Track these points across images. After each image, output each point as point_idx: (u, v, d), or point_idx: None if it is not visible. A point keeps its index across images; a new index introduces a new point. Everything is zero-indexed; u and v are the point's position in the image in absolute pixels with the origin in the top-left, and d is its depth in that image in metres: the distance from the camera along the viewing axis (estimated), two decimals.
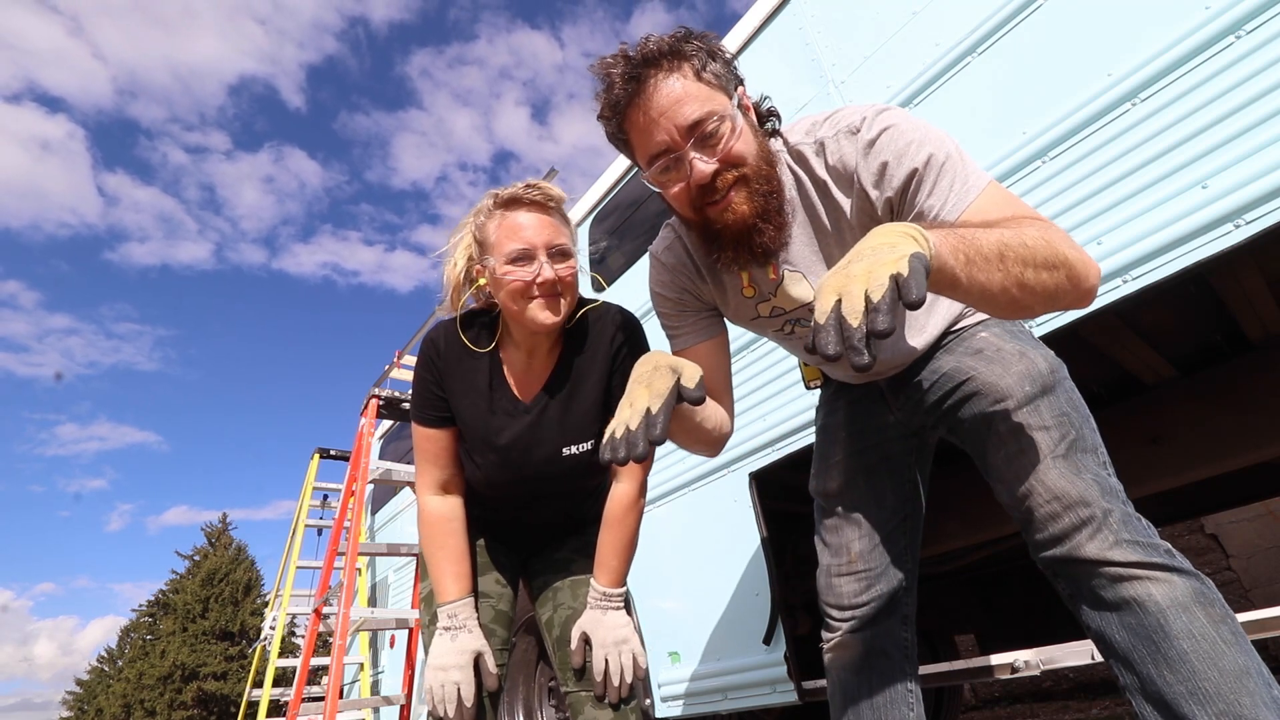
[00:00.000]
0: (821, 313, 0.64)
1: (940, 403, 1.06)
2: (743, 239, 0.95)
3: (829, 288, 0.66)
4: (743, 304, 1.11)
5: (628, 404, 0.85)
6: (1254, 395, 1.86)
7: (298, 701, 3.13)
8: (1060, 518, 0.87)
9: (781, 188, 0.98)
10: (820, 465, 1.26)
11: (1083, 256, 0.80)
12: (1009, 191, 0.90)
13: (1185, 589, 0.81)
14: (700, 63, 0.91)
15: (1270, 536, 4.47)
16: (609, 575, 1.23)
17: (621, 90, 0.92)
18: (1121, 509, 0.86)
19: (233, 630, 17.28)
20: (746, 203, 0.93)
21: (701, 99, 0.90)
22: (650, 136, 0.92)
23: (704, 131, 0.90)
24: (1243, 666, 0.77)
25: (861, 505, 1.18)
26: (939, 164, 0.88)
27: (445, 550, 1.26)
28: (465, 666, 1.18)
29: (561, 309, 1.18)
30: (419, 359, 1.30)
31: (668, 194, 0.97)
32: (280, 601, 5.34)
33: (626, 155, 1.02)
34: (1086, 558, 0.85)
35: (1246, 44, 1.29)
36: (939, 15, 1.80)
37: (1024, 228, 0.77)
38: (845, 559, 1.16)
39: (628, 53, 0.93)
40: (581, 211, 3.08)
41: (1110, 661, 0.87)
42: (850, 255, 0.69)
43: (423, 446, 1.29)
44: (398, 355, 4.18)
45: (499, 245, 1.16)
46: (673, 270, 1.12)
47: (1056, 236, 0.78)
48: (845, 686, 1.14)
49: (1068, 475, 0.88)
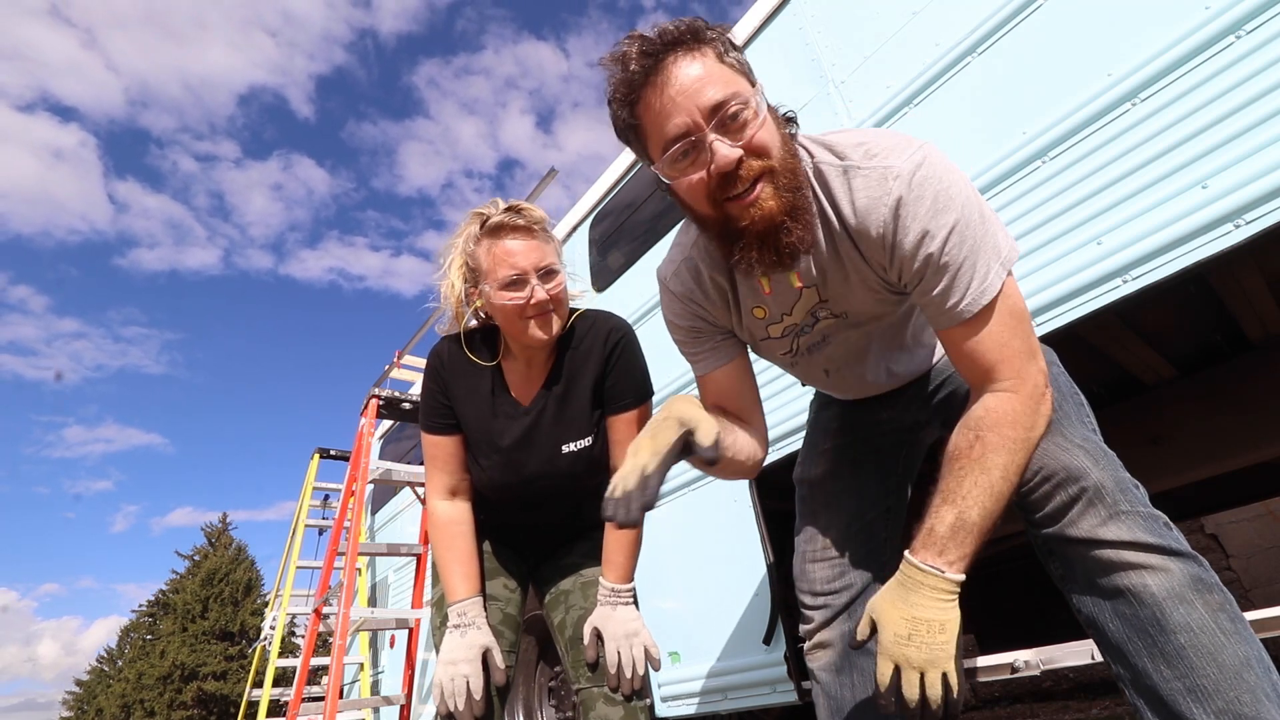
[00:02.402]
0: (880, 684, 0.81)
1: (931, 396, 1.06)
2: (768, 237, 0.86)
3: (889, 657, 0.81)
4: (754, 325, 1.07)
5: (632, 453, 0.86)
6: (1254, 395, 1.86)
7: (298, 701, 3.13)
8: (1052, 496, 0.86)
9: (808, 185, 0.90)
10: (807, 453, 1.26)
11: (1041, 421, 0.85)
12: (1015, 300, 0.87)
13: (1182, 577, 0.79)
14: (723, 46, 0.85)
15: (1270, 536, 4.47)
16: (617, 572, 1.26)
17: (638, 67, 0.83)
18: (1114, 475, 0.85)
19: (233, 630, 17.28)
20: (774, 198, 0.84)
21: (725, 80, 0.82)
22: (668, 118, 0.83)
23: (727, 114, 0.81)
24: (1243, 658, 0.75)
25: (843, 493, 1.17)
26: (964, 257, 0.83)
27: (454, 552, 1.30)
28: (474, 661, 1.21)
29: (554, 324, 1.25)
30: (425, 371, 1.37)
31: (683, 185, 0.87)
32: (280, 601, 5.34)
33: (635, 147, 0.93)
34: (1079, 536, 0.83)
35: (1246, 44, 1.29)
36: (939, 15, 1.80)
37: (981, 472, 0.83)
38: (819, 544, 1.16)
39: (644, 34, 0.85)
40: (581, 212, 3.08)
41: (1102, 650, 0.86)
42: (901, 623, 0.82)
43: (431, 453, 1.34)
44: (398, 355, 4.19)
45: (491, 272, 1.21)
46: (683, 299, 1.06)
47: (1009, 441, 0.83)
48: (828, 689, 1.13)
49: (1052, 452, 0.87)
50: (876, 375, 1.13)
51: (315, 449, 5.48)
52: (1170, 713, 0.77)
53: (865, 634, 0.86)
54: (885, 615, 0.83)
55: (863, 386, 1.16)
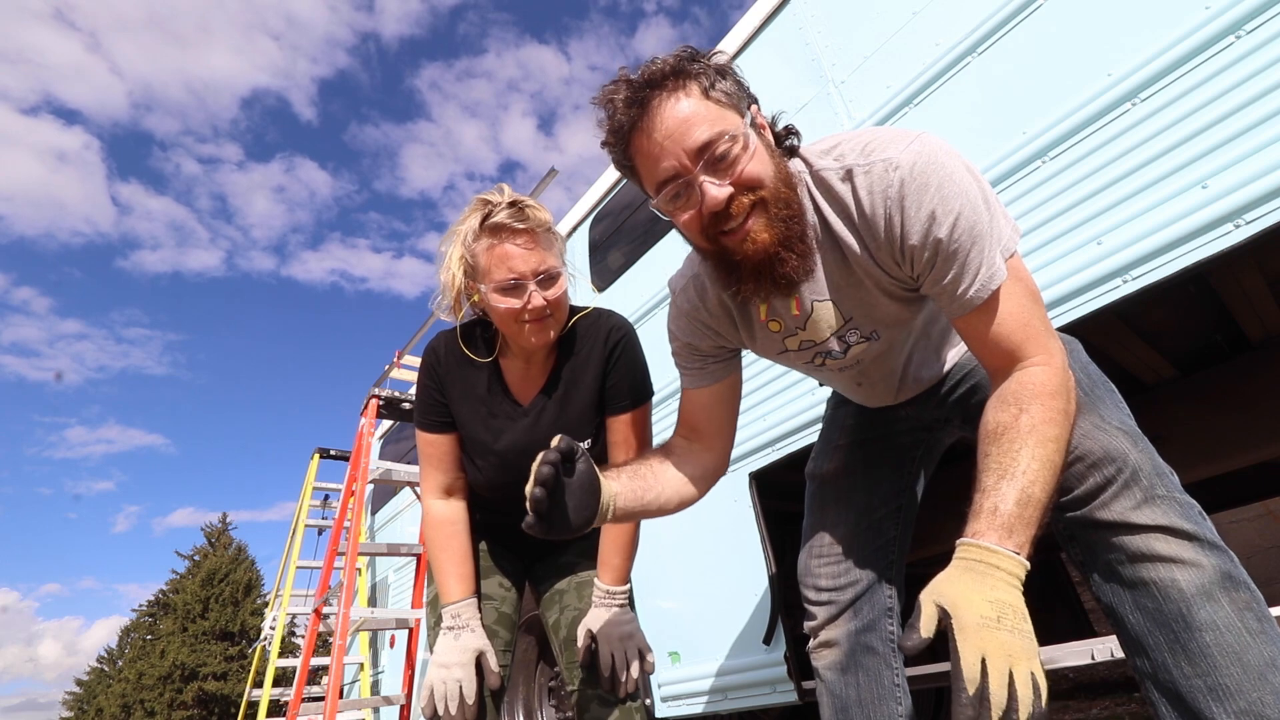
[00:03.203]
0: (970, 682, 0.63)
1: (951, 392, 1.05)
2: (764, 269, 0.87)
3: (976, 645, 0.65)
4: (769, 338, 1.06)
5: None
6: (1254, 395, 1.86)
7: (298, 701, 3.13)
8: (1085, 478, 0.83)
9: (803, 212, 0.90)
10: (821, 448, 1.25)
11: (1071, 402, 0.80)
12: (1024, 280, 0.86)
13: (1213, 573, 0.76)
14: (708, 81, 0.85)
15: (1270, 536, 4.47)
16: (612, 574, 1.25)
17: (624, 116, 0.86)
18: (1151, 461, 0.82)
19: (233, 630, 17.29)
20: (766, 230, 0.85)
21: (711, 119, 0.83)
22: (657, 163, 0.85)
23: (715, 154, 0.82)
24: (1268, 659, 0.73)
25: (853, 490, 1.16)
26: (970, 243, 0.83)
27: (448, 552, 1.28)
28: (467, 664, 1.19)
29: (550, 331, 1.21)
30: (421, 367, 1.33)
31: (679, 221, 0.89)
32: (280, 601, 5.34)
33: (635, 183, 0.95)
34: (1110, 520, 0.80)
35: (1246, 44, 1.29)
36: (939, 15, 1.80)
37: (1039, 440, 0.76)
38: (826, 540, 1.15)
39: (629, 76, 0.87)
40: (580, 213, 3.08)
41: (1120, 640, 0.83)
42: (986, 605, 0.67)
43: (426, 452, 1.32)
44: (398, 355, 4.19)
45: (489, 273, 1.17)
46: (688, 315, 1.07)
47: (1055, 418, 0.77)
48: (832, 687, 1.12)
49: (1090, 433, 0.84)
50: (906, 383, 1.12)
51: (315, 449, 5.48)
52: (1189, 710, 0.76)
53: (931, 629, 0.70)
54: (964, 598, 0.68)
55: (894, 395, 1.15)
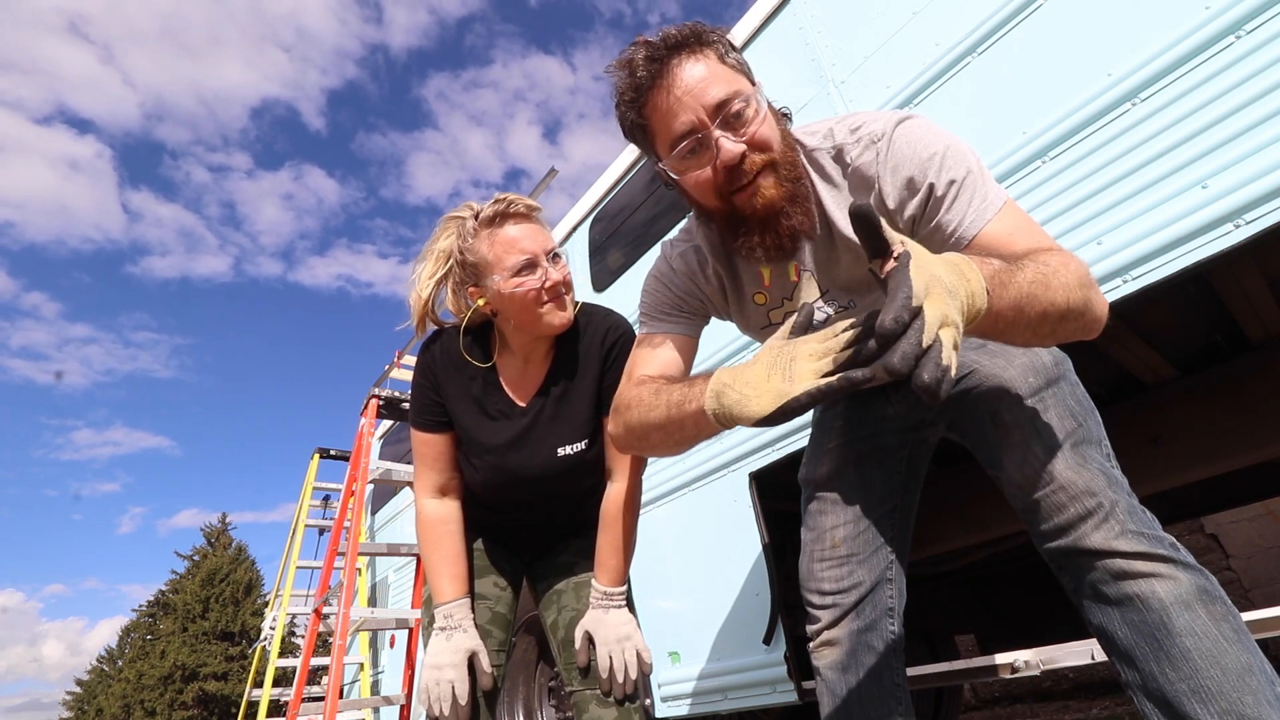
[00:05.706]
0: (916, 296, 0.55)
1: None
2: (770, 223, 0.92)
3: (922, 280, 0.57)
4: (755, 312, 1.10)
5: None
6: (1254, 395, 1.86)
7: (298, 701, 3.13)
8: (1066, 508, 0.86)
9: (808, 176, 0.96)
10: (812, 452, 1.26)
11: (1098, 296, 0.79)
12: (1025, 213, 0.89)
13: (1189, 585, 0.81)
14: (724, 48, 0.91)
15: (1270, 536, 4.47)
16: (609, 575, 1.24)
17: (645, 72, 0.90)
18: (1127, 500, 0.86)
19: (233, 630, 17.28)
20: (775, 187, 0.91)
21: (727, 80, 0.89)
22: (675, 117, 0.90)
23: (730, 111, 0.88)
24: (1245, 664, 0.77)
25: (848, 492, 1.17)
26: (960, 179, 0.87)
27: (441, 552, 1.28)
28: (460, 665, 1.19)
29: (569, 306, 1.23)
30: (417, 367, 1.33)
31: (690, 180, 0.94)
32: (280, 601, 5.34)
33: (643, 146, 0.99)
34: (1091, 548, 0.84)
35: (1246, 44, 1.29)
36: (939, 15, 1.80)
37: (1051, 271, 0.73)
38: (827, 544, 1.15)
39: (649, 39, 0.92)
40: (580, 213, 3.08)
41: (1112, 658, 0.87)
42: (944, 270, 0.61)
43: (421, 451, 1.31)
44: (398, 355, 4.18)
45: (499, 262, 1.17)
46: (683, 275, 1.11)
47: (1074, 278, 0.75)
48: (832, 686, 1.12)
49: (1074, 466, 0.87)
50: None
51: (315, 449, 5.48)
52: (1176, 714, 0.78)
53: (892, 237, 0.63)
54: (927, 254, 0.62)
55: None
